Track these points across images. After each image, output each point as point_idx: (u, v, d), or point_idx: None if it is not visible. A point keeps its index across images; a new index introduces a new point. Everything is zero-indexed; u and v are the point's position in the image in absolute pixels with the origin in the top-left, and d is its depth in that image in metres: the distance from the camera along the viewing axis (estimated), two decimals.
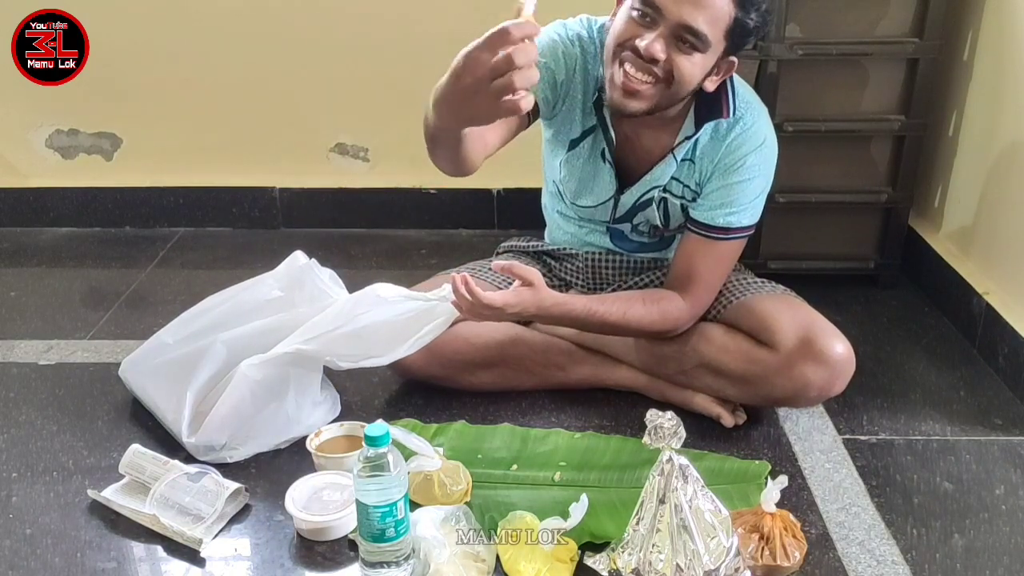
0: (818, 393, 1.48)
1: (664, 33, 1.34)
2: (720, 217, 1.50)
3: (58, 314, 2.04)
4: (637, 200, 1.59)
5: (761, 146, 1.49)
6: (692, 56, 1.36)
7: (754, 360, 1.50)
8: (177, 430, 1.49)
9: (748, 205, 1.50)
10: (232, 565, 1.29)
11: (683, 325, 1.56)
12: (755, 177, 1.49)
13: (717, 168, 1.50)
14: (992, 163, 1.90)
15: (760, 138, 1.49)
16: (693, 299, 1.53)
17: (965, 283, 1.91)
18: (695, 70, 1.38)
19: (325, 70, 2.40)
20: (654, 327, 1.53)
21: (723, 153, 1.49)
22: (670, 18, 1.33)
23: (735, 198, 1.49)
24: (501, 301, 1.40)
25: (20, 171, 2.53)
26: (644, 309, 1.52)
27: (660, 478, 1.14)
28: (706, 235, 1.52)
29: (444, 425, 1.57)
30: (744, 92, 1.51)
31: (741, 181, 1.49)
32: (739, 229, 1.52)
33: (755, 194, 1.50)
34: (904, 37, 1.93)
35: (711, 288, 1.56)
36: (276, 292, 1.58)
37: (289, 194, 2.52)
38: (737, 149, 1.48)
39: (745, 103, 1.49)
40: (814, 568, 1.26)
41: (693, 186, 1.54)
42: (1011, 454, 1.54)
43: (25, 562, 1.29)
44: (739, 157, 1.48)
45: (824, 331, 1.47)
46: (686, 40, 1.35)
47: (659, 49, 1.34)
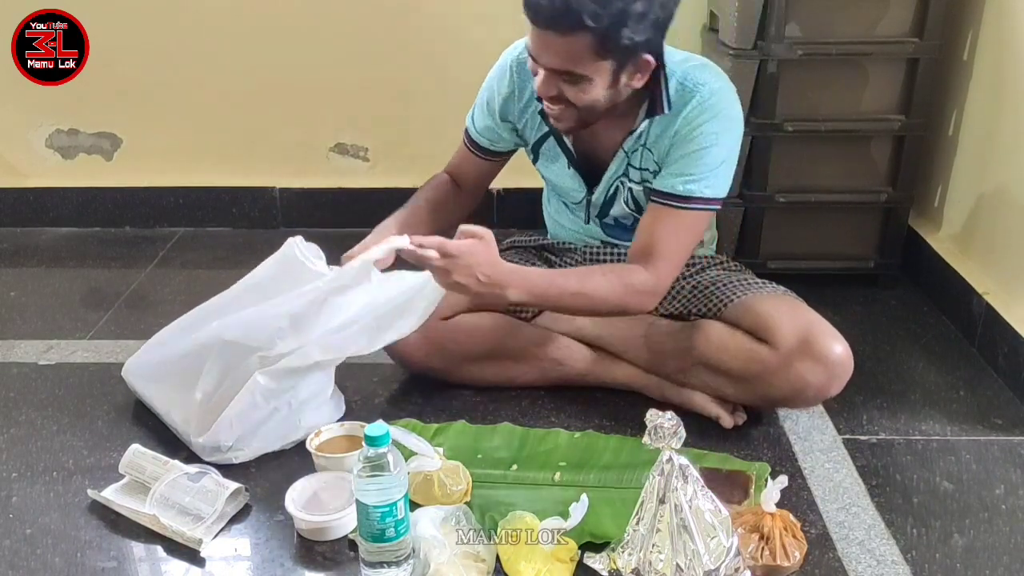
0: (815, 393, 1.49)
1: (546, 75, 1.42)
2: (679, 184, 1.49)
3: (58, 314, 2.04)
4: (606, 197, 1.62)
5: (718, 116, 1.48)
6: (580, 86, 1.40)
7: (753, 359, 1.50)
8: (185, 430, 1.48)
9: (708, 174, 1.49)
10: (232, 565, 1.29)
11: (647, 299, 1.52)
12: (713, 145, 1.48)
13: (675, 141, 1.50)
14: (992, 163, 1.90)
15: (717, 109, 1.48)
16: (655, 271, 1.50)
17: (965, 283, 1.91)
18: (591, 94, 1.42)
19: (325, 70, 2.40)
20: (615, 296, 1.49)
21: (680, 126, 1.49)
22: (542, 65, 1.41)
23: (694, 166, 1.48)
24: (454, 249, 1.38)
25: (20, 171, 2.53)
26: (603, 279, 1.50)
27: (660, 478, 1.14)
28: (665, 203, 1.51)
29: (444, 425, 1.57)
30: (696, 74, 1.49)
31: (699, 149, 1.48)
32: (700, 199, 1.49)
33: (715, 163, 1.49)
34: (904, 37, 1.93)
35: (673, 260, 1.52)
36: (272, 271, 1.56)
37: (289, 194, 2.52)
38: (693, 120, 1.48)
39: (693, 84, 1.48)
40: (814, 568, 1.26)
41: (653, 167, 1.55)
42: (1011, 454, 1.54)
43: (25, 562, 1.29)
44: (695, 126, 1.48)
45: (823, 332, 1.48)
46: (564, 78, 1.40)
47: (547, 90, 1.43)
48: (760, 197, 2.05)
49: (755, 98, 1.98)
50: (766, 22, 1.91)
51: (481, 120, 1.67)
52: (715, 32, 2.12)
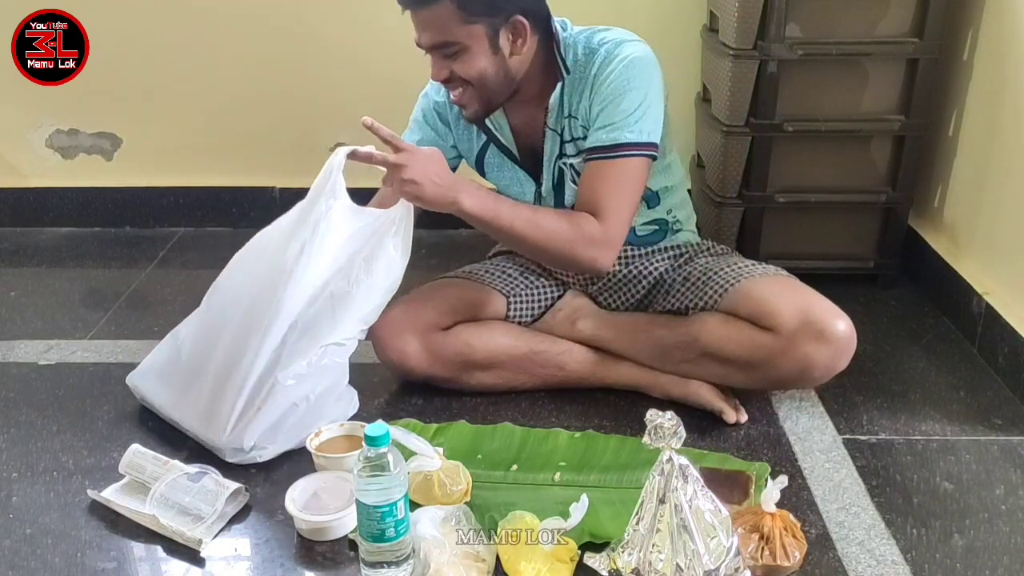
0: (823, 372, 1.50)
1: (433, 58, 1.50)
2: (604, 135, 1.51)
3: (58, 314, 2.04)
4: (553, 184, 1.63)
5: (626, 63, 1.50)
6: (462, 57, 1.48)
7: (758, 345, 1.50)
8: (205, 432, 1.48)
9: (627, 119, 1.50)
10: (232, 565, 1.29)
11: (598, 251, 1.52)
12: (627, 91, 1.50)
13: (593, 99, 1.53)
14: (992, 163, 1.90)
15: (622, 57, 1.51)
16: (604, 223, 1.51)
17: (965, 283, 1.91)
18: (475, 64, 1.48)
19: (325, 70, 2.40)
20: (565, 235, 1.51)
21: (593, 85, 1.53)
22: (424, 46, 1.49)
23: (613, 115, 1.51)
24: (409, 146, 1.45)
25: (20, 171, 2.53)
26: (556, 218, 1.53)
27: (660, 478, 1.14)
28: (596, 157, 1.53)
29: (444, 425, 1.57)
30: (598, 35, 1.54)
31: (614, 98, 1.50)
32: (626, 146, 1.51)
33: (631, 107, 1.50)
34: (904, 37, 1.93)
35: (619, 212, 1.52)
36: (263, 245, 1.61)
37: (289, 194, 2.52)
38: (601, 73, 1.52)
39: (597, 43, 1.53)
40: (814, 568, 1.26)
41: (582, 134, 1.57)
42: (1011, 454, 1.53)
43: (25, 562, 1.29)
44: (605, 78, 1.51)
45: (824, 309, 1.49)
46: (445, 53, 1.48)
47: (437, 72, 1.51)
48: (760, 197, 2.05)
49: (755, 98, 1.98)
50: (766, 22, 1.92)
51: (415, 136, 1.70)
52: (715, 32, 2.12)
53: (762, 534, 1.23)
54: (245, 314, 1.49)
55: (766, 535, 1.23)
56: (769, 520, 1.24)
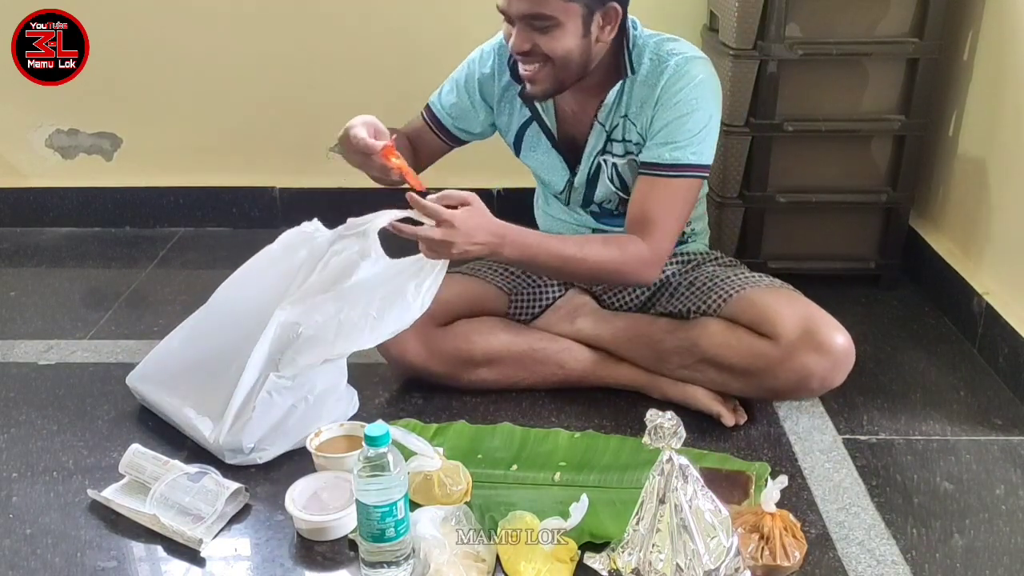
0: (820, 384, 1.49)
1: (519, 27, 1.45)
2: (666, 153, 1.51)
3: (58, 314, 2.04)
4: (588, 177, 1.63)
5: (694, 83, 1.51)
6: (552, 33, 1.44)
7: (756, 353, 1.50)
8: (206, 433, 1.48)
9: (691, 140, 1.51)
10: (232, 565, 1.29)
11: (645, 271, 1.55)
12: (694, 111, 1.50)
13: (656, 111, 1.52)
14: (992, 163, 1.90)
15: (693, 76, 1.51)
16: (652, 242, 1.52)
17: (965, 283, 1.91)
18: (564, 42, 1.45)
19: (325, 70, 2.40)
20: (613, 267, 1.53)
21: (659, 95, 1.52)
22: (514, 14, 1.45)
23: (677, 134, 1.51)
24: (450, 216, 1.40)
25: (20, 171, 2.53)
26: (604, 248, 1.53)
27: (660, 478, 1.14)
28: (653, 173, 1.53)
29: (444, 425, 1.57)
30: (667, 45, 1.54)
31: (680, 116, 1.51)
32: (686, 166, 1.52)
33: (696, 129, 1.51)
34: (904, 37, 1.93)
35: (667, 230, 1.54)
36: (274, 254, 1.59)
37: (289, 194, 2.52)
38: (671, 87, 1.51)
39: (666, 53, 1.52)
40: (814, 568, 1.26)
41: (635, 139, 1.56)
42: (1011, 454, 1.53)
43: (25, 562, 1.29)
44: (673, 94, 1.51)
45: (824, 322, 1.49)
46: (536, 25, 1.44)
47: (520, 43, 1.46)
48: (760, 197, 2.05)
49: (755, 98, 1.98)
50: (766, 22, 1.92)
51: (451, 98, 1.69)
52: (715, 32, 2.12)
53: (762, 534, 1.23)
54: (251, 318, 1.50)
55: (766, 535, 1.23)
56: (769, 520, 1.24)
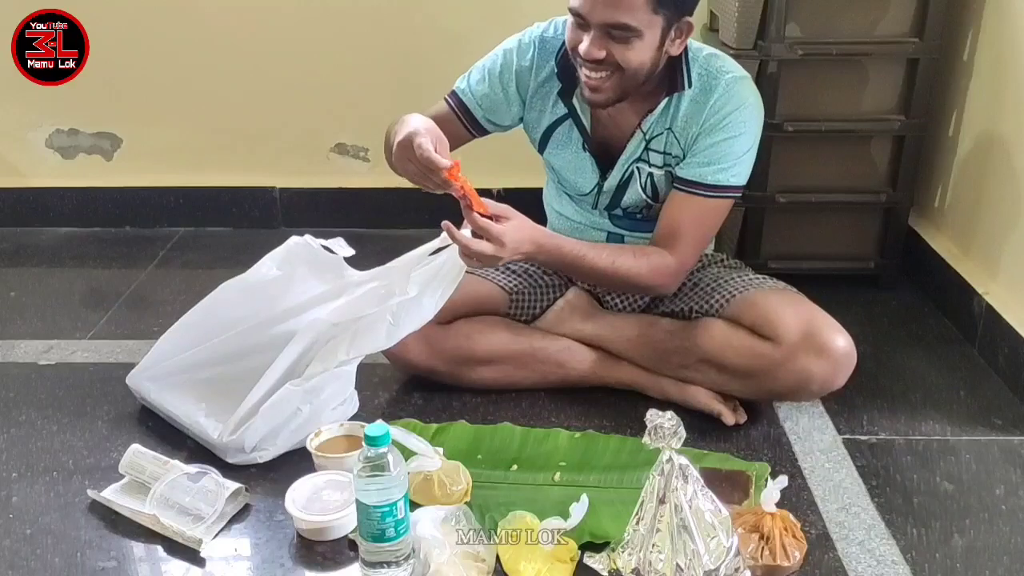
0: (820, 386, 1.49)
1: (596, 34, 1.42)
2: (709, 175, 1.52)
3: (58, 314, 2.04)
4: (619, 182, 1.61)
5: (744, 106, 1.51)
6: (630, 43, 1.42)
7: (757, 354, 1.50)
8: (213, 435, 1.48)
9: (735, 162, 1.52)
10: (232, 565, 1.29)
11: (669, 282, 1.57)
12: (740, 135, 1.51)
13: (703, 129, 1.52)
14: (992, 163, 1.90)
15: (742, 99, 1.51)
16: (679, 256, 1.55)
17: (965, 283, 1.91)
18: (639, 54, 1.43)
19: (325, 70, 2.40)
20: (641, 279, 1.55)
21: (707, 114, 1.51)
22: (594, 21, 1.41)
23: (722, 155, 1.52)
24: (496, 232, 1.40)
25: (20, 171, 2.53)
26: (634, 260, 1.54)
27: (660, 478, 1.14)
28: (693, 191, 1.54)
29: (444, 425, 1.57)
30: (715, 62, 1.53)
31: (727, 139, 1.51)
32: (726, 187, 1.53)
33: (741, 152, 1.52)
34: (904, 37, 1.93)
35: (696, 246, 1.57)
36: (274, 272, 1.58)
37: (289, 194, 2.52)
38: (720, 109, 1.51)
39: (716, 70, 1.52)
40: (814, 568, 1.26)
41: (676, 152, 1.56)
42: (1011, 454, 1.53)
43: (25, 562, 1.29)
44: (723, 116, 1.51)
45: (826, 325, 1.49)
46: (615, 35, 1.41)
47: (595, 50, 1.42)
48: (760, 197, 2.05)
49: None
50: (766, 22, 1.91)
51: (482, 88, 1.63)
52: (715, 32, 2.12)
53: (762, 534, 1.23)
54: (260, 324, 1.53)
55: (766, 535, 1.23)
56: (769, 520, 1.24)
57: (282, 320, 1.55)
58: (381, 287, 1.51)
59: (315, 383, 1.46)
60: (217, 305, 1.59)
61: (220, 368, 1.56)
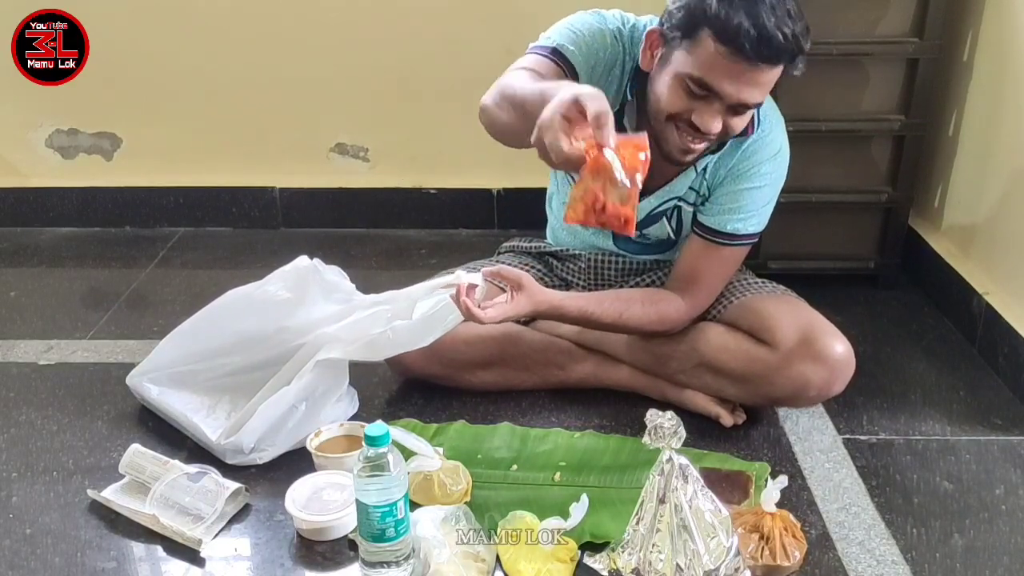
0: (817, 393, 1.49)
1: (720, 109, 1.33)
2: (729, 223, 1.51)
3: (58, 314, 2.04)
4: (651, 212, 1.58)
5: (776, 155, 1.49)
6: (745, 114, 1.37)
7: (754, 359, 1.50)
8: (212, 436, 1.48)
9: (757, 212, 1.51)
10: (232, 565, 1.29)
11: (680, 326, 1.57)
12: (766, 185, 1.50)
13: (731, 173, 1.50)
14: (992, 163, 1.90)
15: (775, 147, 1.49)
16: (692, 301, 1.55)
17: (965, 283, 1.91)
18: (746, 121, 1.40)
19: (325, 70, 2.40)
20: (651, 327, 1.55)
21: (738, 159, 1.49)
22: (729, 99, 1.32)
23: (744, 204, 1.49)
24: (500, 315, 1.41)
25: (20, 171, 2.53)
26: (642, 310, 1.53)
27: (660, 478, 1.14)
28: (712, 240, 1.52)
29: (444, 425, 1.57)
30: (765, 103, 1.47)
31: (752, 188, 1.49)
32: (745, 236, 1.52)
33: (764, 201, 1.51)
34: (904, 37, 1.93)
35: (712, 291, 1.57)
36: (284, 294, 1.58)
37: (289, 194, 2.52)
38: (752, 156, 1.48)
39: (763, 113, 1.48)
40: (814, 568, 1.26)
41: (703, 190, 1.54)
42: (1011, 454, 1.54)
43: (25, 562, 1.29)
44: (753, 164, 1.48)
45: (824, 331, 1.48)
46: (739, 110, 1.35)
47: (716, 125, 1.34)
48: None
49: None
50: None
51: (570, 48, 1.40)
52: None
53: (762, 534, 1.23)
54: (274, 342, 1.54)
55: (766, 535, 1.23)
56: (769, 520, 1.24)
57: (291, 339, 1.55)
58: (387, 311, 1.51)
59: (308, 380, 1.47)
60: (222, 315, 1.58)
61: (224, 379, 1.57)
